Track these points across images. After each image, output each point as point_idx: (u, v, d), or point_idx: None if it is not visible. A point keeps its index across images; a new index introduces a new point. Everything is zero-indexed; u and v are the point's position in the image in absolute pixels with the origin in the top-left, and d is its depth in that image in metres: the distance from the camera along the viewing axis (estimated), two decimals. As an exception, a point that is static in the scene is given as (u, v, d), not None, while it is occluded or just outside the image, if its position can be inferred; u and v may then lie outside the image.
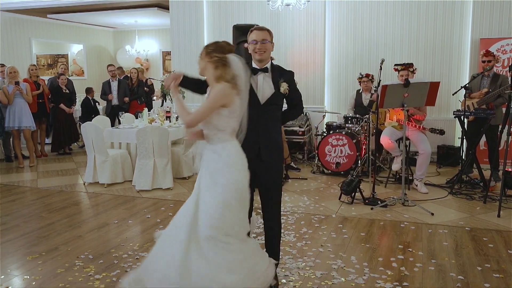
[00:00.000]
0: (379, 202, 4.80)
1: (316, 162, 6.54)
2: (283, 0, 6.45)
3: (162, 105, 7.54)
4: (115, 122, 7.96)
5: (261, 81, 2.81)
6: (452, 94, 5.63)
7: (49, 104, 8.09)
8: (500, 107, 5.54)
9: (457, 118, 5.62)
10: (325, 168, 6.29)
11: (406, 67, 5.47)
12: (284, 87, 2.80)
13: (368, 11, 7.29)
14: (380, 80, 4.85)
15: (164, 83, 2.64)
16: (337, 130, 6.35)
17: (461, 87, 5.39)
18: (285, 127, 6.95)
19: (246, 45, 2.99)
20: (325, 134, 6.46)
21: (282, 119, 2.97)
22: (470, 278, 3.11)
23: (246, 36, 2.90)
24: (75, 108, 8.78)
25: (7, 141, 7.49)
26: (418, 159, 5.34)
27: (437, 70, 7.07)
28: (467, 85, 5.37)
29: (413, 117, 5.35)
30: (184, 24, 8.28)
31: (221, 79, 2.41)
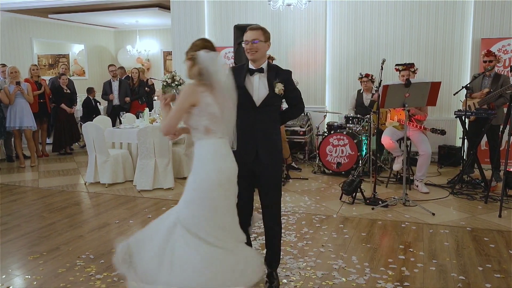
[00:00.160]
0: (380, 202, 4.80)
1: (317, 162, 6.53)
2: (284, 0, 6.45)
3: (163, 105, 7.52)
4: (116, 122, 7.96)
5: (257, 82, 2.74)
6: (453, 94, 5.62)
7: (50, 104, 8.10)
8: (501, 107, 5.54)
9: (458, 118, 5.63)
10: (326, 168, 6.29)
11: (407, 67, 5.46)
12: (278, 88, 2.72)
13: (369, 11, 7.28)
14: (381, 80, 4.84)
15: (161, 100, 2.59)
16: (338, 130, 6.35)
17: (462, 87, 5.38)
18: (286, 127, 6.95)
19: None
20: (326, 134, 6.46)
21: (282, 118, 2.93)
22: (471, 278, 3.11)
23: None
24: (76, 108, 8.79)
25: (8, 141, 7.50)
26: (419, 160, 5.34)
27: (438, 70, 7.06)
28: (468, 85, 5.36)
29: (414, 117, 5.34)
30: (185, 24, 8.29)
31: (190, 76, 2.42)
